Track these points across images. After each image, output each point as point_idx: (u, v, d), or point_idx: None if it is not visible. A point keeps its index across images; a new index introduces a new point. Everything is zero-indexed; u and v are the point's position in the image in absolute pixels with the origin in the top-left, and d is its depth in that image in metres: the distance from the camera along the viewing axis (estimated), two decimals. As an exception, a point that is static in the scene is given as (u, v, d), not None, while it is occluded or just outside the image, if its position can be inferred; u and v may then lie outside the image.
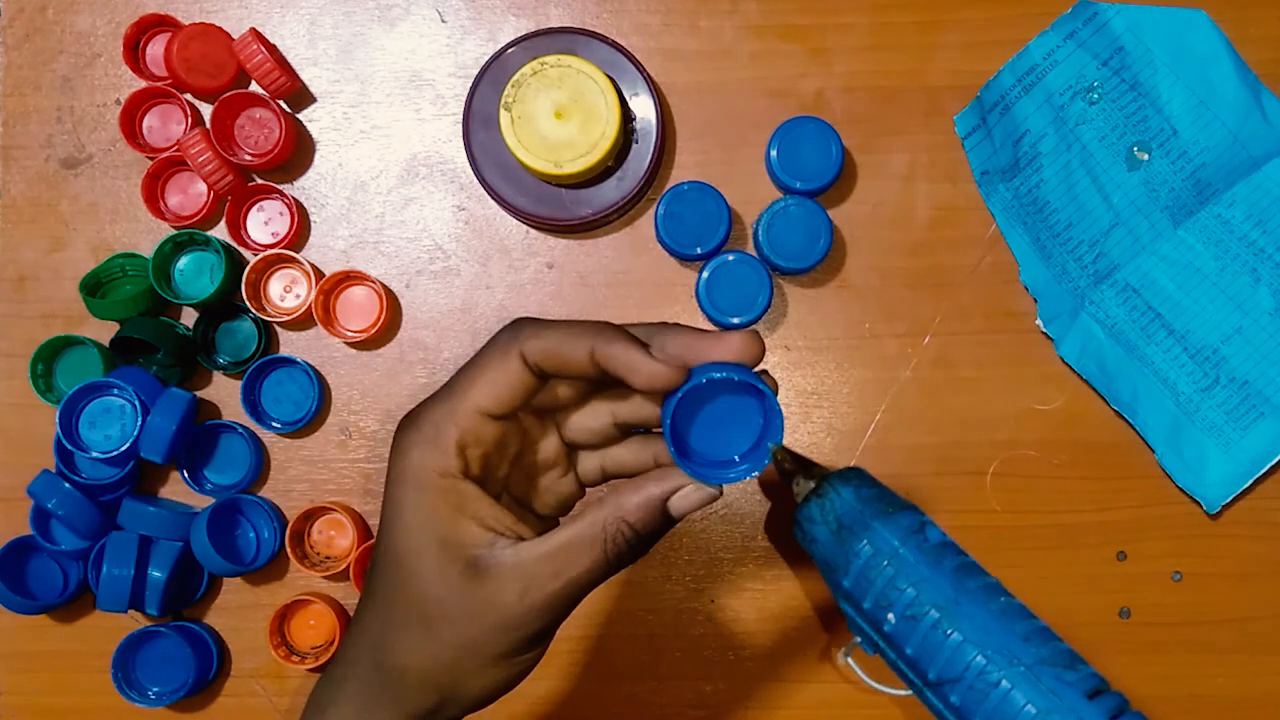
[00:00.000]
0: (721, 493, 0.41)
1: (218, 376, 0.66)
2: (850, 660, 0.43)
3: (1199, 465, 0.62)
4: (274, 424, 0.64)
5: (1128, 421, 0.63)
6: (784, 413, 0.41)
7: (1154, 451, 0.63)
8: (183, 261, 0.65)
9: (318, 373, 0.65)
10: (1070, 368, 0.64)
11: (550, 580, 0.40)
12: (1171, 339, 0.62)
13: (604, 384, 0.42)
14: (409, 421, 0.41)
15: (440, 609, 0.40)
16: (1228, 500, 0.62)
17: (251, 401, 0.64)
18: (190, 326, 0.65)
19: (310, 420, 0.65)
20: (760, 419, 0.42)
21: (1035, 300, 0.64)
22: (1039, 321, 0.64)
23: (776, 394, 0.41)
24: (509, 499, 0.43)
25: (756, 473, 0.41)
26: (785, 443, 0.41)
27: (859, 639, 0.41)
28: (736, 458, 0.42)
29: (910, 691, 0.40)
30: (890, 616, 0.38)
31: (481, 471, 0.41)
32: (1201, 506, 0.63)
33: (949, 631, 0.37)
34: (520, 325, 0.40)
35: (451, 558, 0.40)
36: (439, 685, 0.41)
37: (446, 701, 0.41)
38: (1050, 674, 0.36)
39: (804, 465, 0.41)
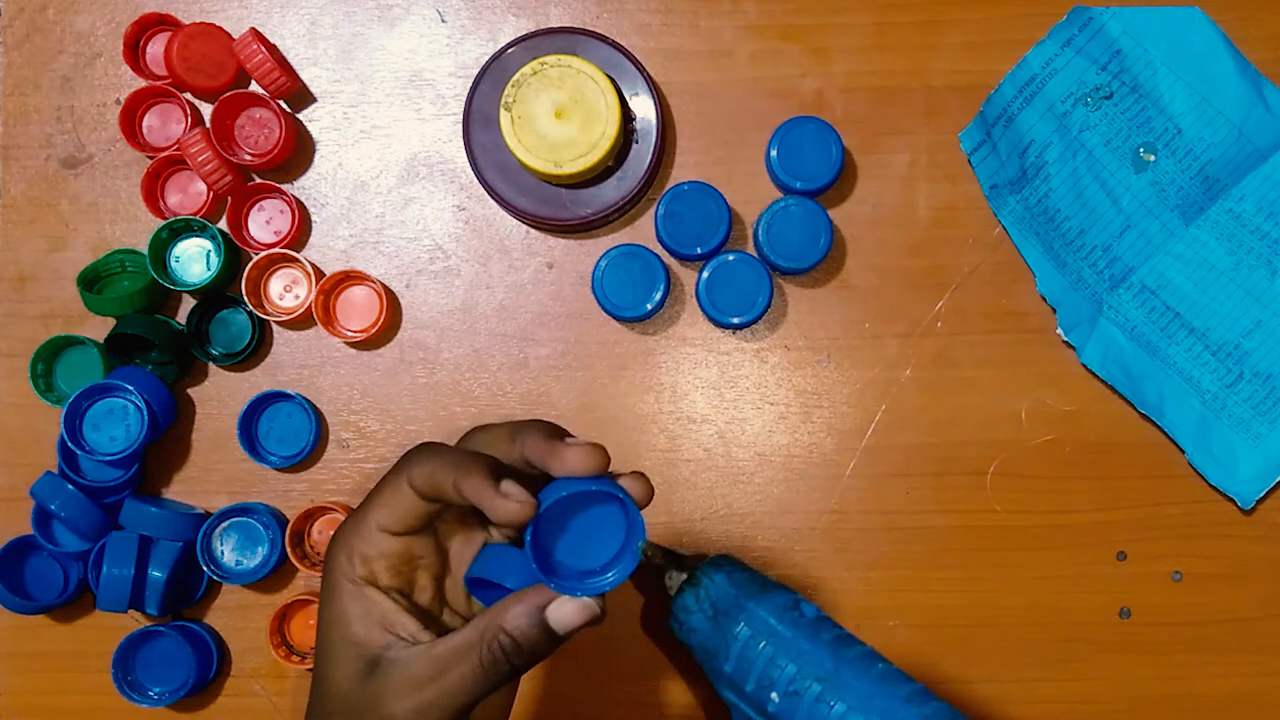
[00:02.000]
0: (603, 610, 0.41)
1: (216, 375, 0.66)
2: None
3: (1229, 462, 0.62)
4: (271, 458, 0.64)
5: (1155, 424, 0.63)
6: (643, 517, 0.41)
7: (1184, 452, 0.63)
8: (179, 247, 0.65)
9: (314, 406, 0.65)
10: (1095, 375, 0.63)
11: (428, 685, 0.40)
12: (1192, 337, 0.61)
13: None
14: (337, 530, 0.43)
15: (339, 703, 0.41)
16: (1261, 495, 0.62)
17: (249, 438, 0.64)
18: (184, 320, 0.65)
19: (309, 454, 0.65)
20: (623, 523, 0.42)
21: (1054, 310, 0.64)
22: (1059, 330, 0.64)
23: (645, 499, 0.41)
24: (420, 604, 0.44)
25: (624, 577, 0.41)
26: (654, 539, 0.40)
27: None
28: (599, 567, 0.42)
29: None
30: (774, 695, 0.39)
31: (390, 578, 0.42)
32: (1236, 503, 0.62)
33: (833, 703, 0.37)
34: (411, 454, 0.42)
35: (355, 656, 0.41)
36: None
37: None
38: None
39: (674, 559, 0.41)
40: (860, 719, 0.37)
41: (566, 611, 0.40)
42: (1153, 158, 0.62)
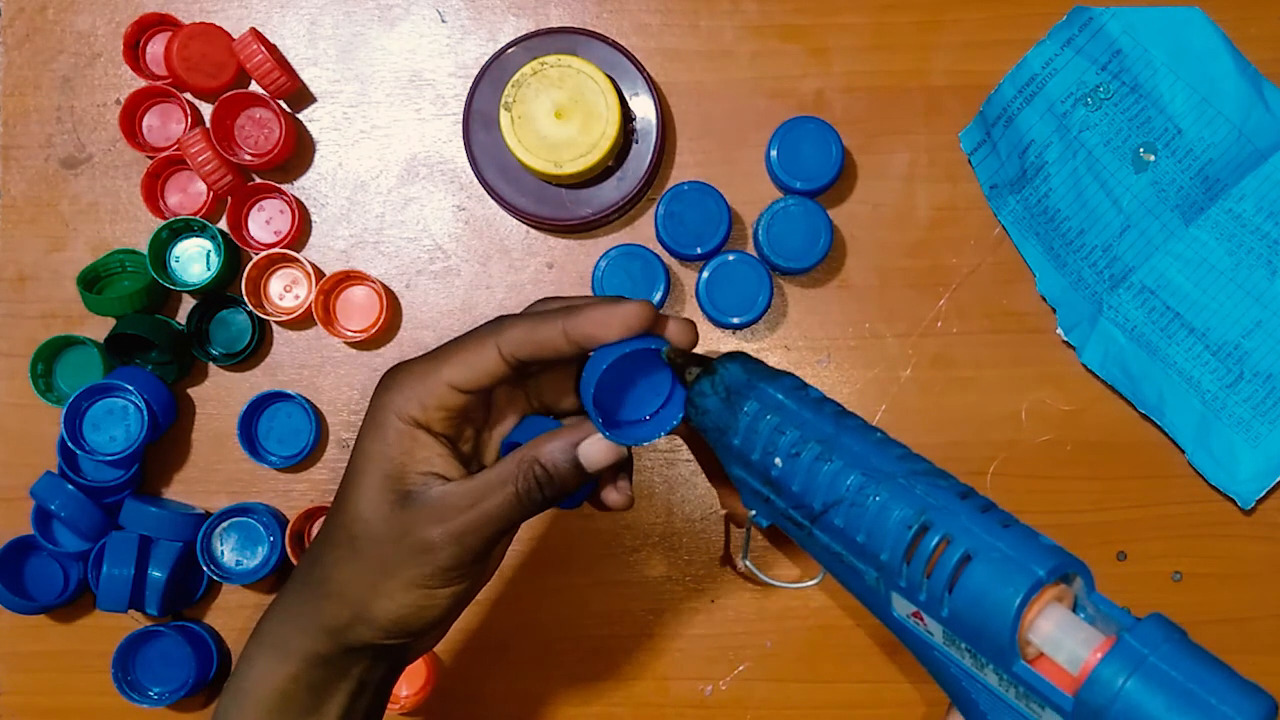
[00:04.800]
0: (630, 451, 0.44)
1: (216, 375, 0.66)
2: (749, 563, 0.47)
3: (1230, 462, 0.62)
4: (271, 458, 0.64)
5: (1155, 424, 0.63)
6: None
7: (1184, 452, 0.63)
8: (179, 247, 0.65)
9: (314, 406, 0.65)
10: (1095, 375, 0.63)
11: (466, 511, 0.42)
12: (1192, 337, 0.61)
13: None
14: (393, 370, 0.45)
15: (367, 529, 0.43)
16: (1261, 495, 0.62)
17: (249, 438, 0.64)
18: (184, 320, 0.65)
19: (309, 454, 0.65)
20: (669, 378, 0.44)
21: (1054, 310, 0.64)
22: (1059, 331, 0.64)
23: (691, 344, 0.44)
24: (466, 453, 0.46)
25: (671, 429, 0.44)
26: None
27: (754, 512, 0.44)
28: (648, 417, 0.45)
29: (813, 581, 0.44)
30: (777, 461, 0.41)
31: (443, 427, 0.44)
32: (1236, 503, 0.63)
33: (830, 459, 0.40)
34: (501, 320, 0.44)
35: (389, 488, 0.43)
36: (352, 600, 0.43)
37: (357, 620, 0.44)
38: (924, 482, 0.38)
39: (695, 357, 0.44)
40: (854, 473, 0.39)
41: (596, 450, 0.43)
42: (1153, 158, 0.62)
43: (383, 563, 0.43)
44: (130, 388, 0.61)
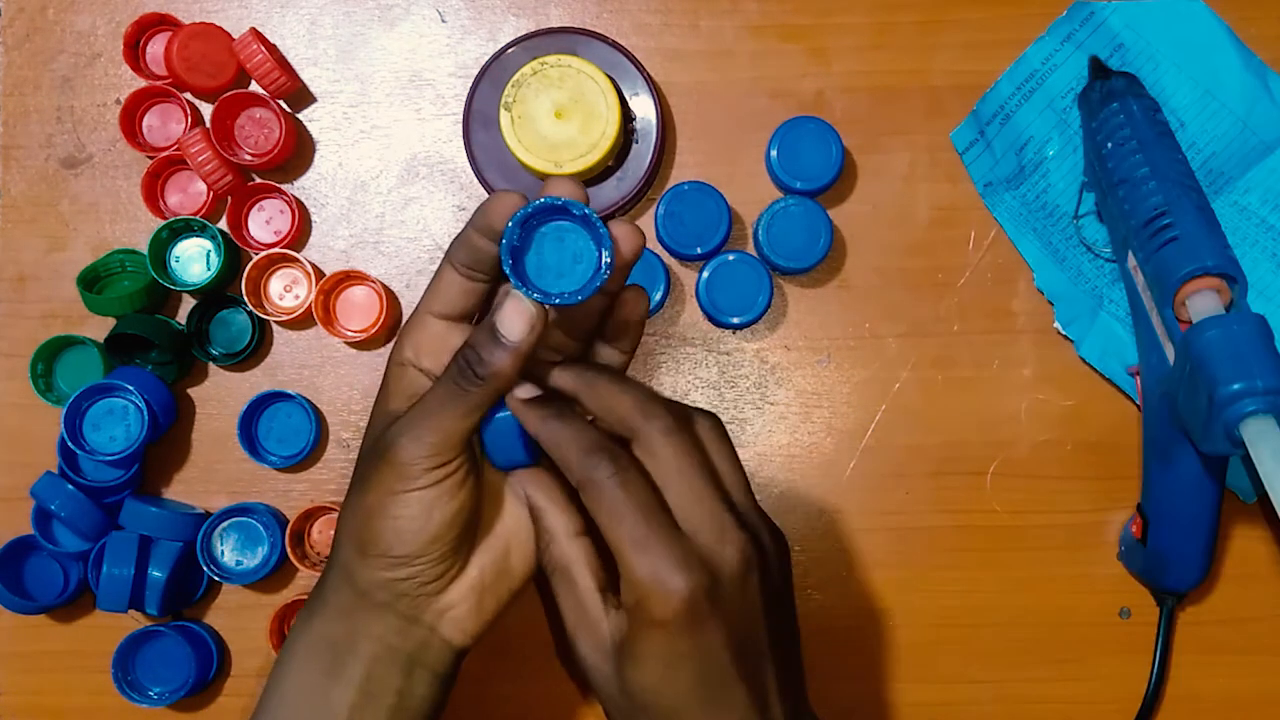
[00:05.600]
0: (547, 312, 0.45)
1: (216, 375, 0.66)
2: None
3: (1231, 460, 0.62)
4: (271, 458, 0.64)
5: None
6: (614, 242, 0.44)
7: None
8: (179, 247, 0.65)
9: (314, 406, 0.65)
10: (1094, 369, 0.63)
11: (419, 412, 0.45)
12: None
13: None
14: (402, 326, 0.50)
15: (364, 463, 0.47)
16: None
17: (249, 438, 0.64)
18: (184, 320, 0.65)
19: (309, 454, 0.65)
20: (593, 247, 0.44)
21: (1052, 305, 0.64)
22: (1057, 324, 0.64)
23: (633, 248, 0.46)
24: None
25: (593, 288, 0.43)
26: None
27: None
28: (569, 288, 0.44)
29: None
30: (1109, 145, 0.57)
31: (432, 363, 0.47)
32: (1238, 497, 0.63)
33: (1137, 155, 0.56)
34: (450, 245, 0.48)
35: (384, 422, 0.47)
36: (360, 541, 0.46)
37: (352, 551, 0.46)
38: (1178, 187, 0.55)
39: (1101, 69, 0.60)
40: (1146, 167, 0.56)
41: (511, 316, 0.44)
42: (1155, 153, 0.62)
43: (363, 478, 0.46)
44: (130, 388, 0.62)
